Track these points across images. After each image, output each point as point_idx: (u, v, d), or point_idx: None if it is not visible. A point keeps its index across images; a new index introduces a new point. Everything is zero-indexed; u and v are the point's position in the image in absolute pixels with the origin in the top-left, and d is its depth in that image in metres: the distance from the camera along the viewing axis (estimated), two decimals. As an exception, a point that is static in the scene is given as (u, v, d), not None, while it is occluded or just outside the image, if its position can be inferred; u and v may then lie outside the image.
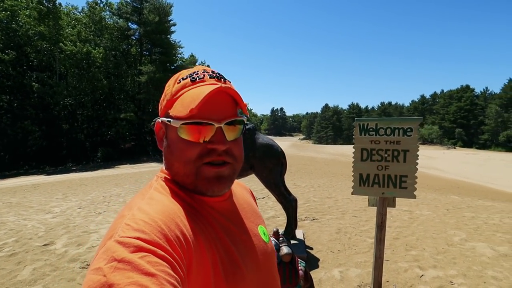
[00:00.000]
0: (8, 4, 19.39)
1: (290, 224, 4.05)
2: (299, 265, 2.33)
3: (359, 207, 6.32)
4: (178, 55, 30.87)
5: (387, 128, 2.74)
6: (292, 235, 4.08)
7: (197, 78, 0.63)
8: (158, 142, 0.68)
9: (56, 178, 13.54)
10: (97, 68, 23.07)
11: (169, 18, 26.40)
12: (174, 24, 26.91)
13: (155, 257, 0.46)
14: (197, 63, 32.39)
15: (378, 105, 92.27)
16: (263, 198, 6.97)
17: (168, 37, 26.92)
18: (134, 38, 26.92)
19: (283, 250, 2.22)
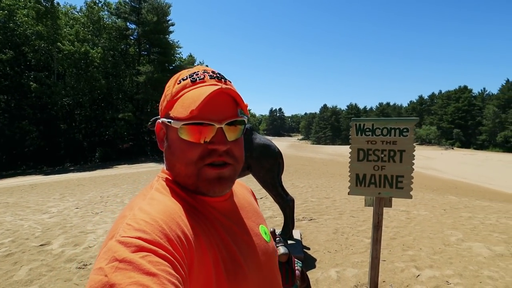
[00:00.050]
0: (6, 4, 19.33)
1: (287, 224, 4.05)
2: (296, 265, 2.33)
3: (356, 207, 6.33)
4: (176, 55, 30.90)
5: (384, 128, 2.75)
6: (289, 235, 4.08)
7: (198, 78, 0.63)
8: (159, 143, 0.68)
9: (54, 178, 13.50)
10: (95, 68, 23.02)
11: (168, 18, 26.41)
12: (173, 24, 26.92)
13: (156, 257, 0.46)
14: (195, 63, 32.37)
15: (377, 106, 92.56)
16: (260, 198, 6.96)
17: (167, 37, 26.93)
18: (132, 38, 26.91)
19: (280, 250, 2.23)
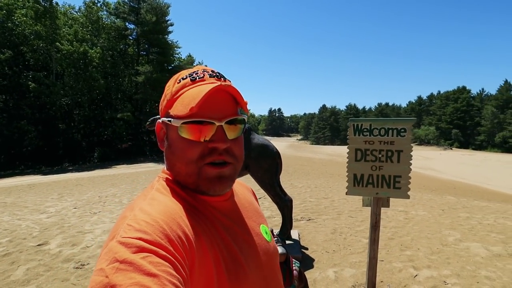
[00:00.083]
0: (4, 3, 19.30)
1: (285, 224, 4.05)
2: (294, 265, 2.33)
3: (355, 207, 6.33)
4: (175, 55, 30.91)
5: (381, 129, 2.75)
6: (287, 235, 4.08)
7: (197, 77, 0.63)
8: (159, 143, 0.68)
9: (52, 178, 13.46)
10: (94, 68, 22.99)
11: (167, 18, 26.41)
12: (172, 24, 26.91)
13: (157, 258, 0.46)
14: (194, 63, 32.36)
15: (375, 106, 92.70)
16: (259, 198, 6.96)
17: (166, 37, 26.92)
18: (131, 38, 26.89)
19: (278, 250, 2.23)
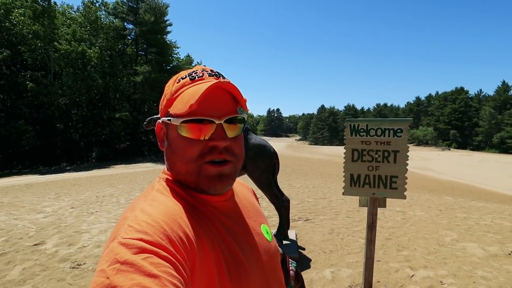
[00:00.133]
0: (1, 2, 19.23)
1: (282, 224, 4.05)
2: (290, 265, 2.33)
3: (352, 207, 6.34)
4: (174, 55, 30.84)
5: (378, 129, 2.75)
6: (284, 236, 4.08)
7: (196, 76, 0.63)
8: (160, 143, 0.68)
9: (50, 178, 13.41)
10: (92, 67, 22.94)
11: (165, 18, 26.36)
12: (170, 24, 26.86)
13: (158, 258, 0.46)
14: (193, 63, 32.30)
15: (374, 107, 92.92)
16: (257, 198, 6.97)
17: (164, 37, 26.86)
18: (129, 38, 26.84)
19: None
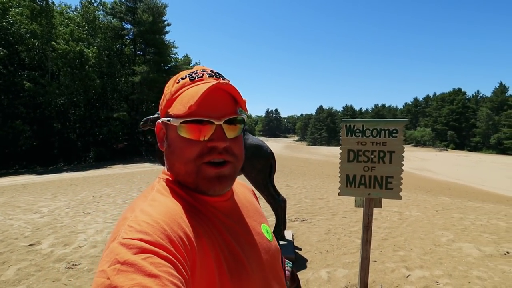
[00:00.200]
0: (-1, 2, 19.16)
1: (279, 225, 4.05)
2: (286, 265, 2.33)
3: (349, 208, 6.34)
4: (172, 55, 30.83)
5: (373, 130, 2.77)
6: (280, 236, 4.08)
7: (196, 77, 0.63)
8: (159, 143, 0.68)
9: (47, 178, 13.36)
10: (90, 67, 22.87)
11: (164, 18, 26.34)
12: (169, 24, 26.86)
13: (158, 258, 0.46)
14: (191, 64, 32.27)
15: (372, 107, 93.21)
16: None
17: (162, 37, 26.85)
18: (128, 38, 26.83)
19: None
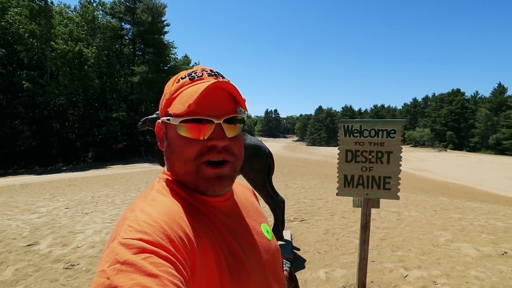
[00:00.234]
0: (-2, 2, 19.13)
1: (277, 225, 4.05)
2: (284, 265, 2.33)
3: (348, 208, 6.34)
4: (171, 55, 30.82)
5: (371, 130, 2.77)
6: (279, 236, 4.08)
7: (196, 76, 0.63)
8: (159, 143, 0.68)
9: (45, 178, 13.33)
10: (89, 67, 22.84)
11: (163, 18, 26.35)
12: (168, 25, 26.88)
13: (158, 258, 0.46)
14: (191, 64, 32.27)
15: (371, 108, 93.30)
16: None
17: (162, 37, 26.86)
18: (127, 38, 26.83)
19: None
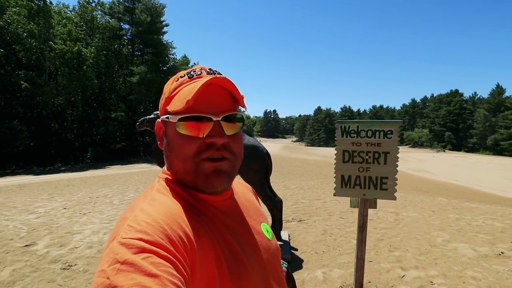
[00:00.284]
0: (-4, 1, 19.10)
1: (275, 225, 4.06)
2: (282, 266, 2.33)
3: (346, 208, 6.36)
4: (170, 55, 30.77)
5: (368, 130, 2.77)
6: (277, 236, 4.09)
7: (195, 74, 0.64)
8: (159, 142, 0.68)
9: (44, 178, 13.30)
10: (88, 67, 22.79)
11: (162, 18, 26.33)
12: (167, 25, 26.85)
13: (158, 258, 0.46)
14: (190, 64, 32.25)
15: (370, 108, 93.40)
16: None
17: (160, 37, 26.82)
18: (126, 38, 26.75)
19: None
